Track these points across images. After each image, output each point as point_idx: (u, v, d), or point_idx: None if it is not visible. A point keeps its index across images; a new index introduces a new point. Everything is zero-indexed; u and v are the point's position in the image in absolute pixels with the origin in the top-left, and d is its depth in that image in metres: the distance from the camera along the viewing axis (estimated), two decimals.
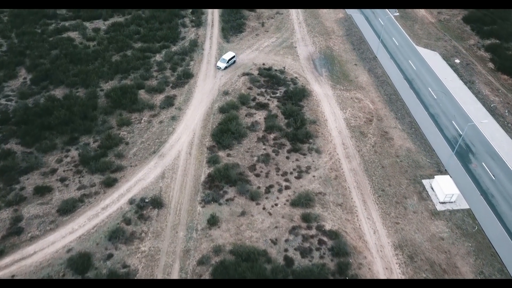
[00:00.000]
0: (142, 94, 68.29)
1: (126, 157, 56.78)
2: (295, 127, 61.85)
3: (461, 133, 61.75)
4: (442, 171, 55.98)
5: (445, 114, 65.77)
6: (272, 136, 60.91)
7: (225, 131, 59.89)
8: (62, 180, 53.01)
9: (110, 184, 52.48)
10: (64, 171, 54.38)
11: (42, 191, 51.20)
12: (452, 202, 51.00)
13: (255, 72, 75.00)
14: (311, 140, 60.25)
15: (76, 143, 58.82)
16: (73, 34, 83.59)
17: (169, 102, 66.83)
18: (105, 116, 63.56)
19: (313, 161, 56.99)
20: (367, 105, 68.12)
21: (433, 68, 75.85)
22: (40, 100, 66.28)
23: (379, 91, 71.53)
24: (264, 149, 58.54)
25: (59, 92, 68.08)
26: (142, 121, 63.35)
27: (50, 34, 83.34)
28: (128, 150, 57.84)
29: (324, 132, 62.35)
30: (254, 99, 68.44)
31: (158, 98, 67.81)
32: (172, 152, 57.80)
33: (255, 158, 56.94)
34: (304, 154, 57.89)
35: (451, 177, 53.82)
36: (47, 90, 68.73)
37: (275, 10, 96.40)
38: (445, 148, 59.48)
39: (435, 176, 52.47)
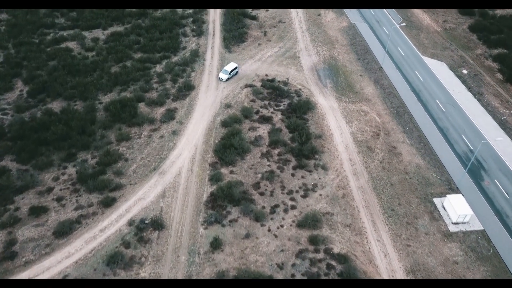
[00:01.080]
0: (142, 107, 66.31)
1: (125, 174, 54.70)
2: (300, 142, 59.83)
3: (471, 148, 59.74)
4: (453, 189, 53.90)
5: (454, 128, 63.80)
6: (276, 151, 58.88)
7: (228, 146, 57.86)
8: (59, 199, 50.92)
9: (108, 204, 50.37)
10: (60, 189, 52.28)
11: (37, 211, 49.08)
12: (465, 223, 48.92)
13: (258, 84, 73.10)
14: (317, 156, 58.22)
15: (74, 159, 56.75)
16: (71, 44, 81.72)
17: (170, 115, 64.84)
18: (104, 130, 61.52)
19: (319, 178, 54.94)
20: (374, 118, 66.15)
21: (441, 79, 73.99)
22: (37, 113, 64.27)
23: (386, 103, 69.59)
24: (269, 165, 56.50)
25: (56, 105, 66.09)
26: (142, 135, 61.33)
27: (48, 44, 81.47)
28: (127, 167, 55.76)
29: (330, 147, 60.34)
30: (257, 112, 66.47)
31: (159, 112, 65.83)
32: (173, 169, 55.73)
33: (259, 175, 54.89)
34: (310, 171, 55.84)
35: (463, 195, 51.69)
36: (44, 103, 66.75)
37: (277, 19, 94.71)
38: (455, 164, 57.45)
39: (447, 195, 50.40)
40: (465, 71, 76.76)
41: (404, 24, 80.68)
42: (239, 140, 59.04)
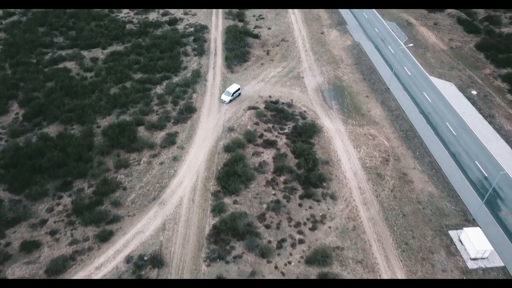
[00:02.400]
0: (142, 131, 63.85)
1: (123, 205, 51.92)
2: (307, 168, 57.21)
3: (486, 175, 57.11)
4: (469, 220, 51.09)
5: (467, 153, 61.27)
6: (282, 179, 56.20)
7: (231, 174, 55.19)
8: (53, 233, 48.05)
9: (105, 238, 47.48)
10: (55, 222, 49.46)
11: (29, 247, 46.21)
12: (484, 259, 45.99)
13: (262, 106, 70.79)
14: (324, 184, 55.53)
15: (69, 188, 54.02)
16: (69, 64, 79.71)
17: (170, 140, 62.34)
18: (102, 157, 58.91)
19: (328, 208, 52.15)
20: (382, 143, 63.66)
21: (450, 100, 71.77)
22: (32, 138, 61.79)
23: (394, 127, 67.18)
24: (274, 194, 53.77)
25: (52, 129, 63.63)
26: (142, 162, 58.71)
27: (45, 64, 79.46)
28: (125, 197, 53.00)
29: (338, 174, 57.70)
30: (261, 136, 64.00)
31: (159, 136, 63.34)
32: (174, 198, 52.99)
33: (265, 206, 52.11)
34: (318, 201, 53.07)
35: (480, 228, 48.83)
36: (40, 127, 64.32)
37: (280, 37, 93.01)
38: (470, 193, 54.73)
39: (464, 228, 47.60)
40: (474, 92, 74.61)
41: (411, 44, 78.62)
42: (242, 166, 56.44)
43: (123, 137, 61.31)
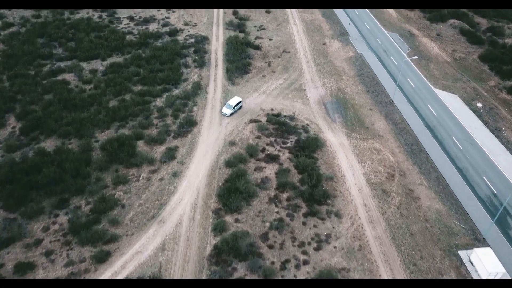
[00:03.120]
0: (141, 145, 62.39)
1: (121, 223, 50.26)
2: (311, 184, 55.68)
3: (495, 191, 55.58)
4: (479, 239, 49.43)
5: (474, 168, 59.79)
6: (285, 195, 54.63)
7: (232, 190, 53.64)
8: (48, 253, 46.31)
9: (102, 259, 45.75)
10: (50, 242, 47.74)
11: (23, 268, 44.45)
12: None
13: (263, 119, 69.47)
14: (329, 201, 53.95)
15: (66, 206, 52.38)
16: (68, 76, 78.50)
17: (170, 155, 60.86)
18: (100, 172, 57.37)
19: (333, 227, 50.50)
20: (387, 157, 62.21)
21: (455, 113, 70.49)
22: (29, 153, 60.29)
23: (399, 141, 65.80)
24: (277, 212, 52.15)
25: (50, 144, 62.16)
26: (141, 178, 57.16)
27: (44, 76, 78.22)
28: (124, 215, 51.37)
29: (343, 190, 56.14)
30: (263, 150, 62.55)
31: (159, 150, 61.88)
32: (174, 216, 51.36)
33: (267, 224, 50.45)
34: (322, 219, 51.44)
35: (491, 248, 47.16)
36: (37, 142, 62.85)
37: (281, 48, 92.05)
38: (479, 210, 53.15)
39: (475, 249, 45.93)
40: (479, 105, 73.37)
41: (416, 57, 77.50)
42: (244, 183, 54.88)
43: (122, 152, 59.86)
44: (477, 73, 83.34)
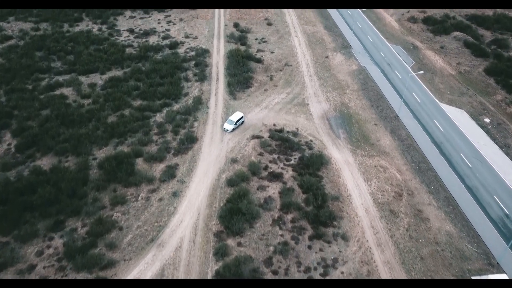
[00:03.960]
0: (140, 163, 60.50)
1: (119, 247, 48.12)
2: (316, 205, 53.65)
3: (507, 212, 53.55)
4: (493, 264, 47.27)
5: (484, 187, 57.83)
6: (289, 217, 52.55)
7: (235, 212, 51.59)
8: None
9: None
10: (44, 267, 45.57)
11: None
12: None
13: (266, 135, 67.67)
14: (335, 223, 51.86)
15: (61, 228, 50.30)
16: (66, 91, 76.93)
17: (170, 173, 58.93)
18: (97, 192, 55.38)
19: (339, 251, 48.36)
20: (394, 176, 60.28)
21: (462, 129, 68.74)
22: (24, 172, 58.39)
23: (406, 158, 63.93)
24: (281, 235, 50.03)
25: (46, 162, 60.28)
26: (139, 198, 55.15)
27: (41, 90, 76.71)
28: (121, 238, 49.24)
29: (349, 211, 54.09)
30: (266, 168, 60.61)
31: (158, 169, 59.97)
32: (173, 240, 49.24)
33: (271, 248, 48.30)
34: (328, 242, 49.33)
35: (507, 274, 45.01)
36: (33, 159, 60.99)
37: (283, 62, 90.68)
38: (491, 232, 51.06)
39: (489, 275, 43.74)
40: (487, 120, 71.66)
41: (422, 72, 75.93)
42: (247, 203, 52.86)
43: (120, 171, 57.95)
44: (483, 87, 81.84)
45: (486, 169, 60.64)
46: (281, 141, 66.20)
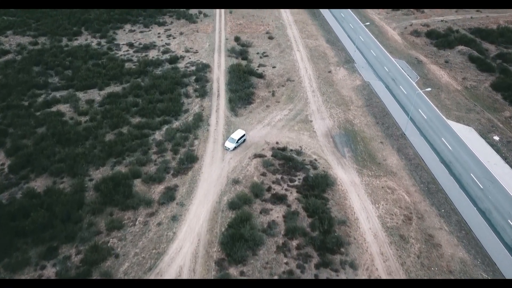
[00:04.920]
0: (138, 184, 58.16)
1: (114, 277, 45.47)
2: (322, 230, 51.18)
3: None
4: None
5: (497, 210, 55.43)
6: (294, 243, 50.04)
7: (237, 238, 49.08)
8: None
9: None
10: None
11: None
12: None
13: (268, 153, 65.47)
14: (342, 249, 49.34)
15: (55, 256, 47.70)
16: (63, 107, 74.92)
17: (169, 195, 56.54)
18: (93, 216, 52.92)
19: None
20: (403, 197, 57.89)
21: (471, 147, 66.55)
22: (17, 194, 56.01)
23: (414, 178, 61.61)
24: (286, 263, 47.46)
25: (40, 183, 57.94)
26: (137, 222, 52.67)
27: (38, 107, 74.67)
28: (117, 267, 46.63)
29: (357, 236, 51.60)
30: (269, 189, 58.28)
31: (157, 190, 57.59)
32: (172, 268, 46.66)
33: (276, 278, 45.66)
34: (336, 270, 46.75)
35: None
36: (27, 181, 58.65)
37: (285, 77, 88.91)
38: (508, 260, 48.51)
39: None
40: (496, 138, 69.55)
41: (429, 89, 74.02)
42: (250, 229, 50.41)
43: (117, 193, 55.56)
44: (491, 103, 79.94)
45: (498, 191, 58.31)
46: (285, 160, 63.98)
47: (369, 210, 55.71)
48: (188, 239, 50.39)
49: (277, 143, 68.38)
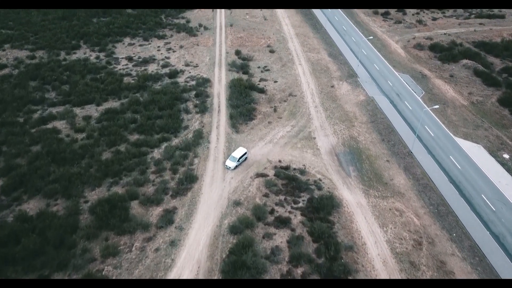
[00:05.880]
0: (135, 207, 55.71)
1: None
2: (328, 256, 48.60)
3: None
4: None
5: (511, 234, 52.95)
6: (299, 271, 47.42)
7: (239, 266, 46.48)
8: None
9: None
10: None
11: None
12: None
13: (271, 173, 63.14)
14: (350, 277, 46.66)
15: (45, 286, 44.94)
16: (59, 124, 72.81)
17: (168, 218, 54.04)
18: (87, 242, 50.35)
19: None
20: (412, 220, 55.40)
21: (481, 166, 64.29)
22: (8, 217, 53.52)
23: (423, 199, 59.18)
24: None
25: (33, 205, 55.49)
26: (134, 248, 50.09)
27: (33, 124, 72.58)
28: None
29: (365, 263, 48.99)
30: (272, 212, 55.79)
31: (155, 213, 55.11)
32: None
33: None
34: None
35: None
36: (20, 203, 56.20)
37: (287, 92, 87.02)
38: None
39: None
40: (506, 156, 67.33)
41: (437, 106, 71.98)
42: (252, 256, 47.82)
43: (113, 216, 53.04)
44: (498, 119, 77.88)
45: (510, 213, 55.83)
46: (288, 180, 61.63)
47: (377, 234, 53.17)
48: (187, 266, 47.79)
49: (279, 161, 66.11)
